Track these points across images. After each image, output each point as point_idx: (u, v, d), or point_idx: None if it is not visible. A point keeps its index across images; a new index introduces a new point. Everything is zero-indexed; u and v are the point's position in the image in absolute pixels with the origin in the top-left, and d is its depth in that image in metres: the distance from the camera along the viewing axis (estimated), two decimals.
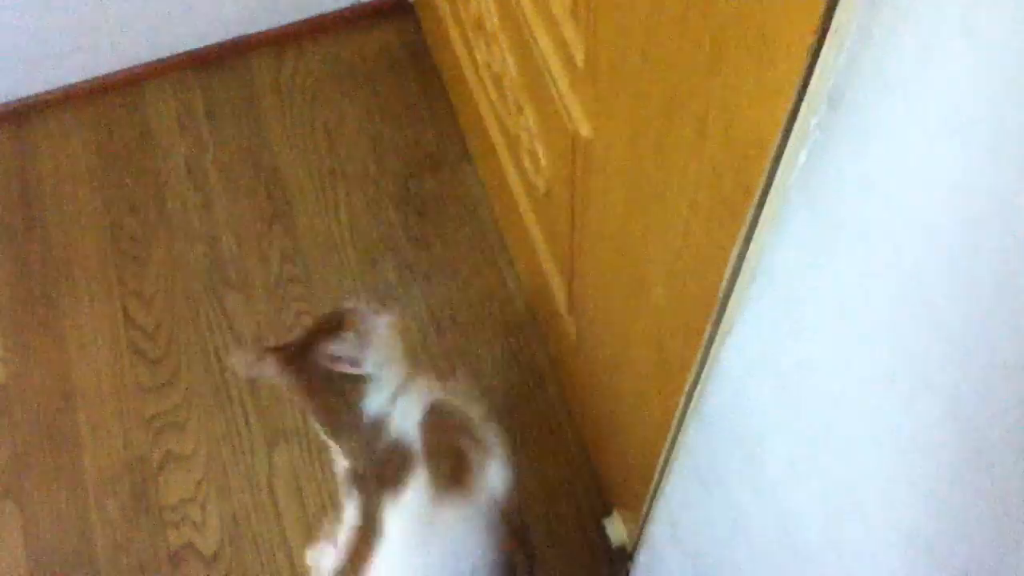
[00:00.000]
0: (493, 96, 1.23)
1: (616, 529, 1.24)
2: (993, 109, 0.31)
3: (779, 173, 0.47)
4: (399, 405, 1.04)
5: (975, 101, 0.32)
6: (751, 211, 0.52)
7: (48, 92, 1.71)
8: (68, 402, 1.49)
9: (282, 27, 1.73)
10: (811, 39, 0.39)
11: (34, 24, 1.58)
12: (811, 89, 0.40)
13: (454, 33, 1.42)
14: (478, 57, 1.24)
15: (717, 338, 0.65)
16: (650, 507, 1.03)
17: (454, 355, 1.49)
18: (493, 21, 1.04)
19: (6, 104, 1.70)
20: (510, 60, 1.03)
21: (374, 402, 1.02)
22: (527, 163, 1.14)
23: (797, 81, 0.41)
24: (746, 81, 0.48)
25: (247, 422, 1.46)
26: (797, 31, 0.40)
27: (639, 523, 1.11)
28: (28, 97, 1.71)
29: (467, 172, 1.63)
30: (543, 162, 1.05)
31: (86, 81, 1.71)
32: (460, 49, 1.40)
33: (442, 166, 1.64)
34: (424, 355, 1.49)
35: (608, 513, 1.29)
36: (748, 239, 0.55)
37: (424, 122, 1.69)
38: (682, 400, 0.80)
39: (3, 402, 1.49)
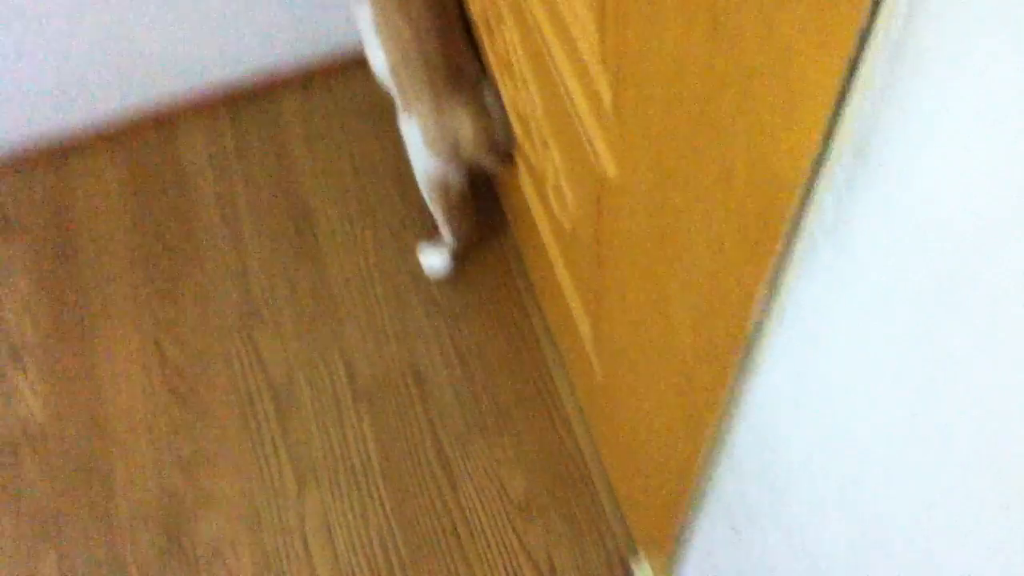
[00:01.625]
0: (520, 133, 1.24)
1: (643, 571, 1.24)
2: (1005, 159, 0.31)
3: (805, 216, 0.47)
4: None
5: (990, 151, 0.32)
6: (777, 252, 0.53)
7: (83, 131, 1.75)
8: (102, 440, 1.51)
9: (311, 65, 1.76)
10: (835, 91, 0.40)
11: (70, 64, 1.62)
12: (836, 138, 0.40)
13: None
14: (505, 95, 1.25)
15: (744, 377, 0.65)
16: (678, 548, 1.02)
17: (480, 392, 1.50)
18: (520, 61, 1.06)
19: (43, 143, 1.75)
20: (537, 100, 1.04)
21: None
22: (553, 200, 1.15)
23: (822, 130, 0.42)
24: (772, 128, 0.49)
25: (278, 461, 1.47)
26: (822, 83, 0.41)
27: (667, 565, 1.10)
28: (64, 136, 1.75)
29: (493, 208, 1.65)
30: (569, 200, 1.06)
31: (120, 120, 1.75)
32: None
33: None
34: (451, 392, 1.50)
35: (635, 554, 1.28)
36: (775, 279, 0.55)
37: None
38: (710, 440, 0.80)
39: (40, 441, 1.51)
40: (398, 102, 1.34)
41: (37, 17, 1.52)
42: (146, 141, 1.76)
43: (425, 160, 1.35)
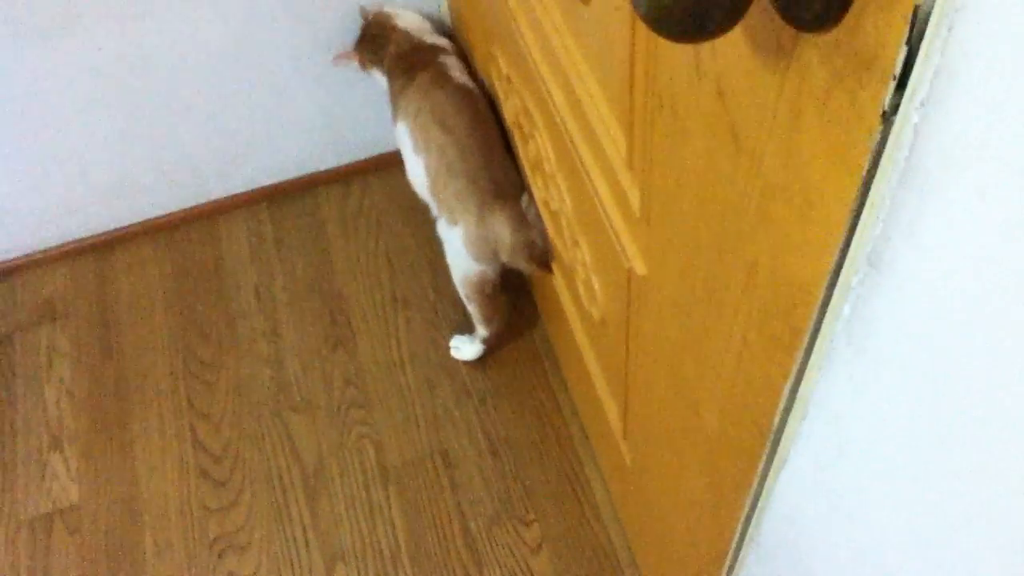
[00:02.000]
0: (551, 230, 1.30)
1: None
2: (1006, 264, 0.35)
3: (825, 318, 0.51)
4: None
5: (994, 258, 0.36)
6: (801, 350, 0.56)
7: (130, 225, 1.83)
8: (135, 522, 1.54)
9: (349, 164, 1.84)
10: (850, 207, 0.44)
11: (121, 165, 1.71)
12: (852, 250, 0.45)
13: None
14: (536, 193, 1.31)
15: (772, 468, 0.68)
16: None
17: (508, 477, 1.52)
18: (551, 164, 1.12)
19: (91, 236, 1.82)
20: (567, 199, 1.10)
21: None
22: (583, 293, 1.19)
23: (839, 242, 0.46)
24: (792, 236, 0.53)
25: (307, 544, 1.49)
26: (837, 199, 0.45)
27: None
28: (111, 230, 1.83)
29: (523, 299, 1.70)
30: (599, 293, 1.10)
31: (165, 215, 1.83)
32: None
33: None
34: (479, 477, 1.52)
35: None
36: (799, 375, 0.59)
37: None
38: (738, 528, 0.82)
39: (75, 522, 1.54)
40: (437, 211, 1.41)
41: (93, 122, 1.61)
42: (189, 233, 1.84)
43: (465, 263, 1.42)
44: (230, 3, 1.52)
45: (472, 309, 1.53)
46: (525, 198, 1.34)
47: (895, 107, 0.39)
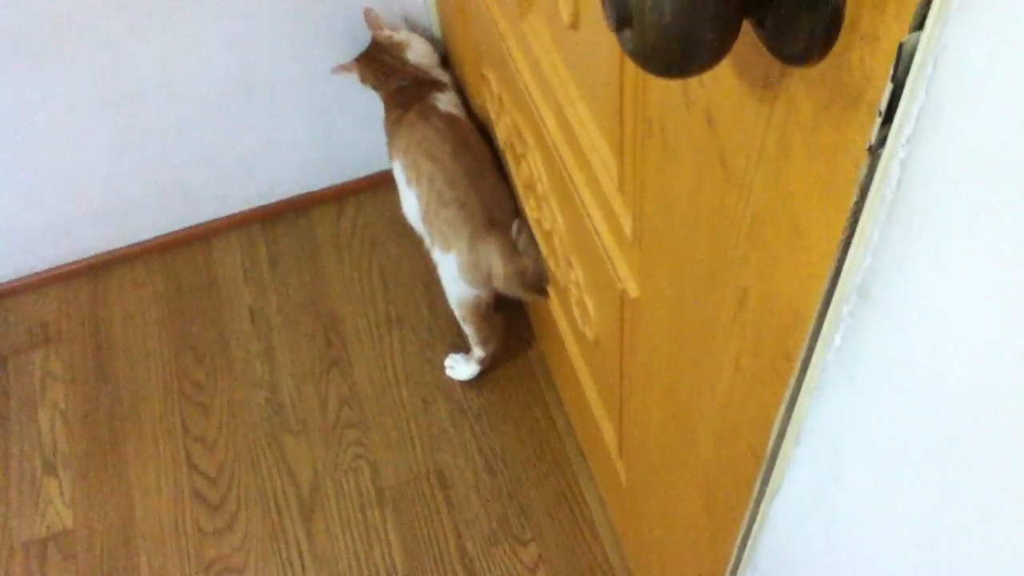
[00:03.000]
0: (544, 250, 1.30)
1: None
2: (995, 296, 0.35)
3: (817, 348, 0.51)
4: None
5: (983, 291, 0.36)
6: (793, 377, 0.56)
7: (123, 247, 1.83)
8: (130, 546, 1.53)
9: (343, 184, 1.84)
10: (838, 238, 0.44)
11: (112, 184, 1.71)
12: (842, 281, 0.45)
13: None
14: (528, 214, 1.31)
15: (767, 492, 0.68)
16: None
17: (505, 496, 1.51)
18: (544, 185, 1.12)
19: (85, 259, 1.82)
20: (560, 220, 1.10)
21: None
22: (577, 313, 1.19)
23: (828, 272, 0.46)
24: (782, 264, 0.53)
25: (303, 567, 1.48)
26: (826, 230, 0.46)
27: None
28: (104, 252, 1.83)
29: (518, 317, 1.70)
30: (592, 314, 1.10)
31: (159, 236, 1.83)
32: None
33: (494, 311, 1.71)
34: (476, 496, 1.52)
35: None
36: (791, 399, 0.59)
37: None
38: (734, 550, 0.82)
39: (69, 547, 1.53)
40: (431, 241, 1.43)
41: (86, 144, 1.62)
42: (182, 255, 1.84)
43: (459, 288, 1.43)
44: (223, 25, 1.52)
45: (468, 330, 1.53)
46: (516, 225, 1.34)
47: (881, 141, 0.39)
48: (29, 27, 1.42)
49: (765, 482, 0.67)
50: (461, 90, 1.54)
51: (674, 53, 0.40)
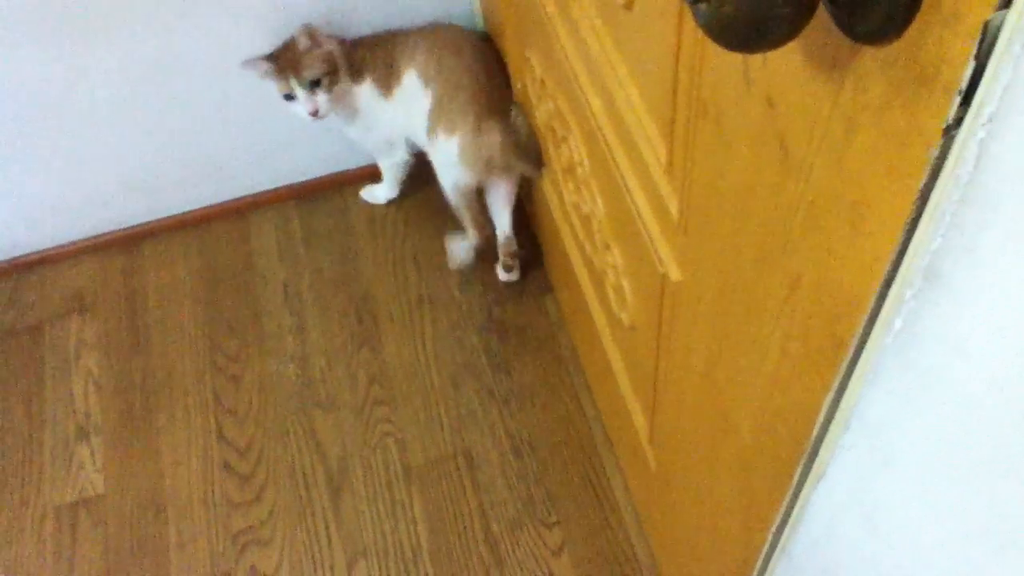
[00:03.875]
0: (580, 234, 1.30)
1: None
2: None
3: (873, 333, 0.51)
4: None
5: None
6: (844, 362, 0.56)
7: (159, 220, 1.84)
8: (159, 514, 1.55)
9: (377, 164, 1.85)
10: (904, 221, 0.44)
11: (150, 158, 1.72)
12: (906, 264, 0.44)
13: (543, 173, 1.50)
14: (566, 197, 1.31)
15: (808, 480, 0.68)
16: None
17: (531, 480, 1.52)
18: (585, 168, 1.12)
19: (121, 230, 1.84)
20: (600, 204, 1.10)
21: None
22: (612, 298, 1.19)
23: (891, 255, 0.46)
24: (839, 248, 0.53)
25: (329, 540, 1.49)
26: (891, 213, 0.45)
27: None
28: (141, 224, 1.85)
29: (548, 301, 1.70)
30: (629, 299, 1.10)
31: (195, 210, 1.84)
32: (548, 187, 1.49)
33: (524, 294, 1.71)
34: (502, 478, 1.52)
35: None
36: (841, 387, 0.58)
37: None
38: (768, 538, 0.82)
39: (100, 512, 1.55)
40: (430, 132, 1.56)
41: (125, 119, 1.63)
42: (217, 229, 1.85)
43: (456, 172, 1.56)
44: (261, 8, 1.53)
45: (461, 215, 1.64)
46: (515, 110, 1.52)
47: (958, 122, 0.39)
48: (76, 4, 1.43)
49: (807, 469, 0.67)
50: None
51: (749, 27, 0.40)
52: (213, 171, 1.79)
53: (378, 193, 1.85)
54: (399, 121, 1.63)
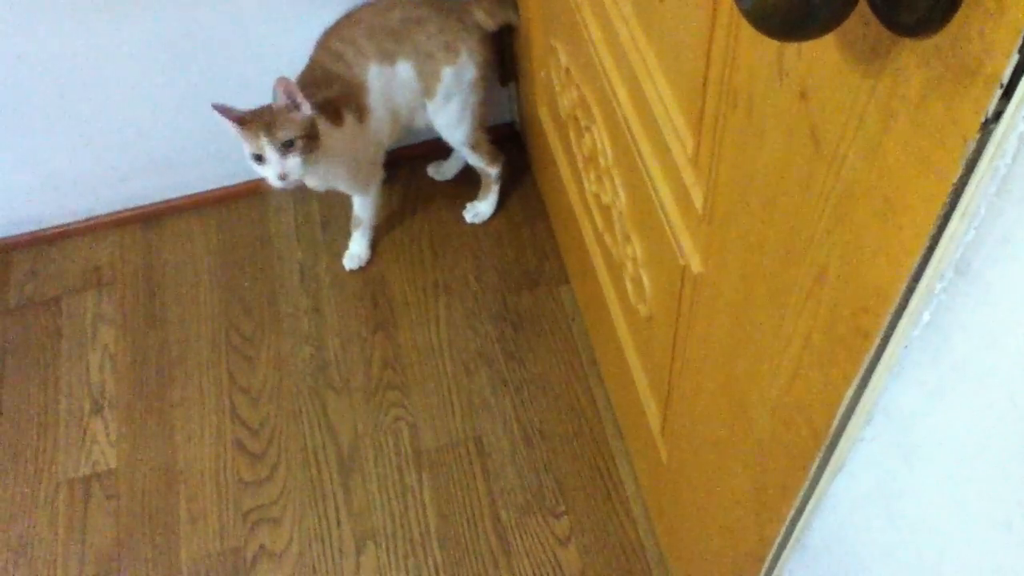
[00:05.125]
0: (599, 224, 1.30)
1: None
2: None
3: (900, 325, 0.51)
4: None
5: None
6: (869, 354, 0.56)
7: (180, 197, 1.85)
8: (171, 490, 1.56)
9: (396, 150, 1.85)
10: (937, 213, 0.44)
11: (173, 135, 1.74)
12: (937, 256, 0.45)
13: (562, 162, 1.51)
14: (587, 187, 1.32)
15: (825, 473, 0.68)
16: None
17: (541, 469, 1.53)
18: (607, 158, 1.12)
19: (141, 206, 1.85)
20: (622, 194, 1.10)
21: None
22: (630, 289, 1.19)
23: (922, 247, 0.46)
24: (869, 240, 0.53)
25: (339, 522, 1.50)
26: (924, 205, 0.45)
27: None
28: (160, 202, 1.86)
29: (563, 291, 1.70)
30: (648, 290, 1.10)
31: (215, 189, 1.85)
32: (567, 177, 1.49)
33: (539, 284, 1.72)
34: (512, 466, 1.53)
35: None
36: (865, 379, 0.58)
37: (524, 241, 1.78)
38: (782, 530, 0.83)
39: (112, 486, 1.57)
40: (429, 89, 1.57)
41: (150, 95, 1.64)
42: (237, 209, 1.86)
43: (473, 103, 1.61)
44: None
45: (483, 151, 1.70)
46: None
47: (997, 115, 0.39)
48: None
49: (825, 461, 0.68)
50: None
51: (792, 15, 0.40)
52: (234, 150, 1.79)
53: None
54: (384, 128, 1.59)
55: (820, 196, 0.57)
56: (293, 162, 1.40)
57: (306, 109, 1.40)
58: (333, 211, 1.84)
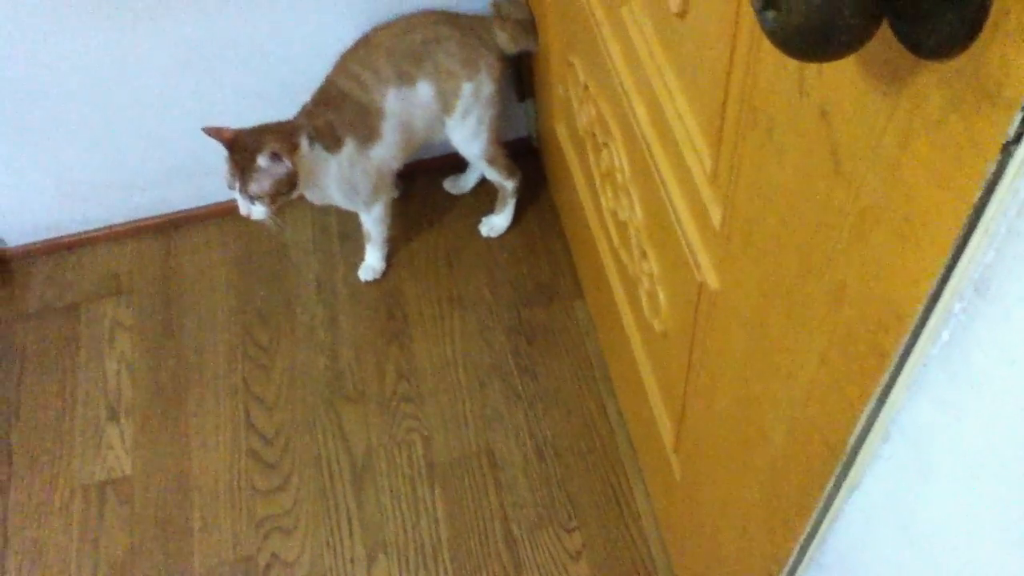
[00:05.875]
0: (615, 240, 1.31)
1: None
2: None
3: (918, 344, 0.51)
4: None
5: None
6: (887, 372, 0.57)
7: (199, 207, 1.87)
8: (185, 497, 1.57)
9: (414, 163, 1.87)
10: (957, 233, 0.45)
11: (194, 145, 1.75)
12: (956, 276, 0.45)
13: (578, 178, 1.52)
14: (603, 203, 1.32)
15: (840, 490, 0.69)
16: None
17: (553, 483, 1.53)
18: (624, 175, 1.13)
19: (160, 215, 1.87)
20: (639, 210, 1.11)
21: None
22: (645, 304, 1.20)
23: (941, 267, 0.47)
24: (887, 259, 0.53)
25: (351, 533, 1.51)
26: (944, 224, 0.46)
27: None
28: (178, 211, 1.88)
29: (577, 306, 1.71)
30: (663, 306, 1.11)
31: (233, 199, 1.86)
32: (583, 193, 1.50)
33: (554, 299, 1.73)
34: (524, 480, 1.53)
35: None
36: (881, 397, 0.59)
37: (539, 256, 1.78)
38: (796, 547, 0.83)
39: (127, 492, 1.58)
40: (448, 105, 1.58)
41: (172, 104, 1.66)
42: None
43: (493, 108, 1.62)
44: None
45: (500, 165, 1.72)
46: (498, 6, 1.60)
47: (1018, 137, 0.40)
48: None
49: (841, 478, 0.68)
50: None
51: (816, 35, 0.41)
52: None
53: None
54: (395, 152, 1.60)
55: (839, 214, 0.58)
56: (258, 210, 1.47)
57: (289, 166, 1.43)
58: (350, 223, 1.85)
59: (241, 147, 1.42)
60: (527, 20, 1.57)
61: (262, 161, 1.41)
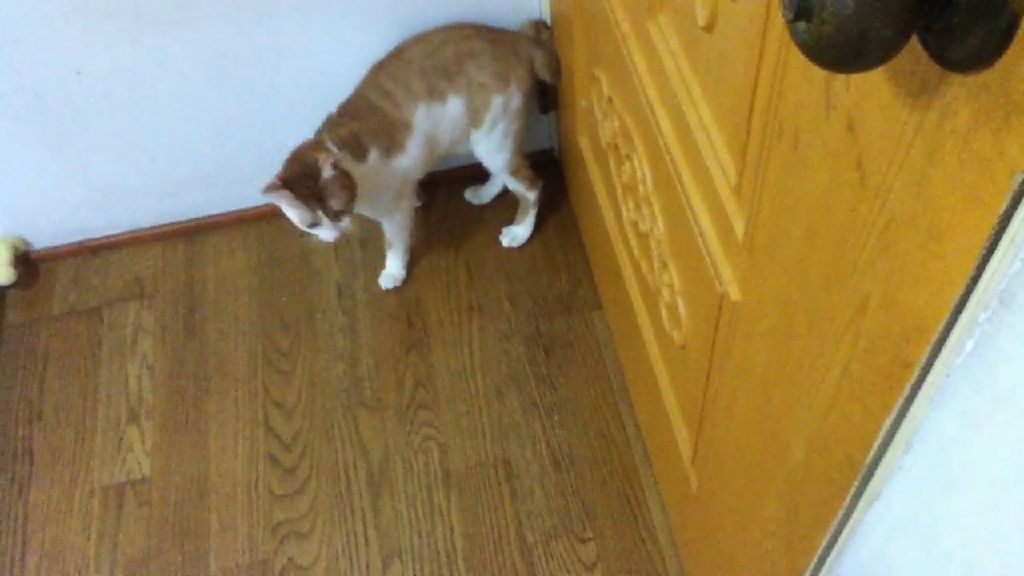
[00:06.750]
0: (636, 251, 1.31)
1: None
2: None
3: (942, 355, 0.52)
4: None
5: None
6: (909, 384, 0.57)
7: (222, 213, 1.89)
8: (203, 500, 1.58)
9: (435, 173, 1.88)
10: (982, 244, 0.45)
11: (219, 152, 1.77)
12: (981, 286, 0.46)
13: (600, 190, 1.52)
14: (624, 215, 1.33)
15: (862, 502, 0.69)
16: None
17: (569, 493, 1.53)
18: (647, 186, 1.14)
19: (184, 221, 1.89)
20: (661, 222, 1.11)
21: None
22: (665, 316, 1.20)
23: (967, 278, 0.47)
24: (912, 270, 0.54)
25: (366, 539, 1.51)
26: (968, 237, 0.46)
27: None
28: (202, 217, 1.90)
29: (596, 317, 1.72)
30: (684, 318, 1.11)
31: (257, 206, 1.88)
32: (604, 204, 1.51)
33: (572, 310, 1.73)
34: (540, 490, 1.54)
35: None
36: (904, 408, 0.59)
37: (559, 267, 1.79)
38: (814, 560, 0.83)
39: (146, 494, 1.59)
40: (477, 119, 1.60)
41: (199, 111, 1.68)
42: (278, 226, 1.89)
43: (519, 120, 1.64)
44: (343, 11, 1.57)
45: (522, 176, 1.73)
46: (535, 25, 1.64)
47: None
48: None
49: (860, 490, 0.68)
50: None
51: (848, 47, 0.42)
52: (277, 168, 1.83)
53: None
54: (418, 164, 1.60)
55: (864, 226, 0.58)
56: (345, 223, 1.48)
57: (345, 168, 1.44)
58: (372, 231, 1.87)
59: (297, 180, 1.42)
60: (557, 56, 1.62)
61: (326, 173, 1.40)
